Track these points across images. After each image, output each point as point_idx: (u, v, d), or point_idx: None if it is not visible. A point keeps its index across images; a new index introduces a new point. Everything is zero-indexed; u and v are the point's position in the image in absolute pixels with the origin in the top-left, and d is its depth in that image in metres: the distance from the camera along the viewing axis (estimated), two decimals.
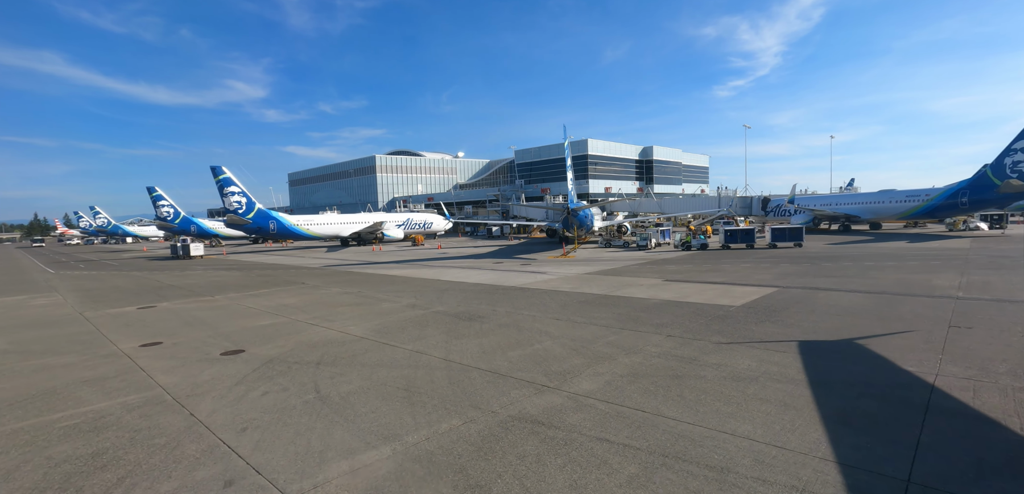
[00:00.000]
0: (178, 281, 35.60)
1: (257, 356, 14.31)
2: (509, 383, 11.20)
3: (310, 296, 25.84)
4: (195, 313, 22.06)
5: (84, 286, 34.77)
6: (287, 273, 38.68)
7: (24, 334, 18.85)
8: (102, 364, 14.10)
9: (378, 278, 32.81)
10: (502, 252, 52.51)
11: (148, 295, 28.77)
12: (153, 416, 10.00)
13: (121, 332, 18.50)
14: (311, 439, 8.67)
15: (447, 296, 24.05)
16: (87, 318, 21.87)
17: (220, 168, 67.66)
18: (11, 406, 10.91)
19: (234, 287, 30.91)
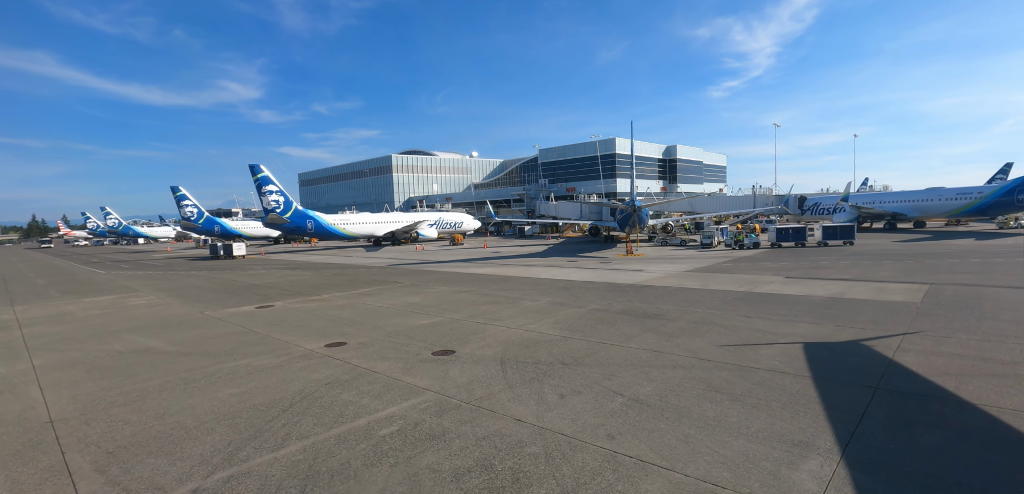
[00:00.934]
0: (256, 281, 34.49)
1: (476, 356, 13.41)
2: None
3: (428, 295, 24.89)
4: (328, 312, 21.06)
5: (166, 285, 33.57)
6: (361, 272, 37.63)
7: (176, 334, 17.83)
8: (319, 365, 13.14)
9: (473, 277, 31.89)
10: (555, 250, 51.70)
11: (244, 294, 27.70)
12: (480, 422, 9.09)
13: (280, 331, 17.49)
14: (714, 449, 7.81)
15: (586, 294, 23.19)
16: (219, 318, 20.82)
17: (259, 166, 66.53)
18: (301, 414, 9.96)
19: (328, 286, 29.89)
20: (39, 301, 28.62)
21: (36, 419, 10.16)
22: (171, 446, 8.61)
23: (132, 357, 14.88)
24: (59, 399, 11.32)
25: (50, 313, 24.10)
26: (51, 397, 11.47)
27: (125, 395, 11.39)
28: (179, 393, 11.37)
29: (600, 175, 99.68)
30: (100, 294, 30.61)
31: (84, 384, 12.39)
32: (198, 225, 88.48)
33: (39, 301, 28.62)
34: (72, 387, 12.19)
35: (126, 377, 12.82)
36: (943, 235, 53.06)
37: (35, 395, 11.70)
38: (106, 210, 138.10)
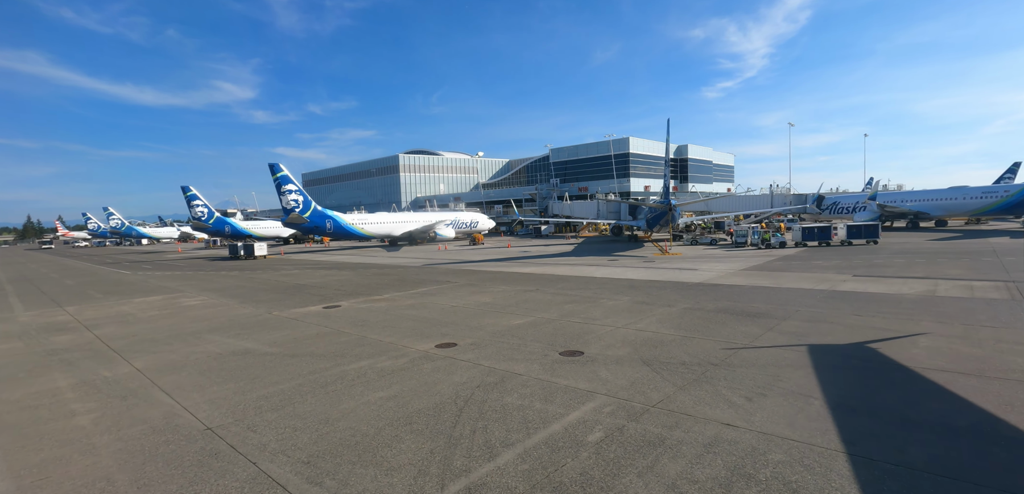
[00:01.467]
0: (299, 281, 33.75)
1: (611, 357, 12.86)
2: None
3: (496, 295, 24.29)
4: (405, 312, 20.41)
5: (209, 286, 32.74)
6: (404, 272, 36.94)
7: (262, 335, 17.14)
8: (449, 367, 12.53)
9: (526, 276, 31.31)
10: (584, 250, 51.15)
11: (298, 295, 26.99)
12: (688, 427, 8.53)
13: (373, 331, 16.84)
14: None
15: (663, 293, 22.68)
16: (293, 318, 20.14)
17: (278, 165, 65.77)
18: (478, 419, 9.35)
19: (381, 286, 29.21)
20: (85, 302, 27.78)
21: (189, 426, 9.51)
22: (369, 454, 8.01)
23: (236, 359, 14.21)
24: (198, 404, 10.66)
25: (108, 314, 23.30)
26: (187, 402, 10.81)
27: (266, 400, 10.75)
28: (323, 397, 10.74)
29: (614, 174, 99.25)
30: (147, 294, 29.78)
31: (211, 388, 11.72)
32: (208, 225, 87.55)
33: (85, 302, 27.78)
34: (199, 391, 11.53)
35: (249, 380, 12.16)
36: (973, 233, 52.97)
37: (164, 400, 11.04)
38: (109, 211, 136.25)
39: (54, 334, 19.06)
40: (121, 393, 11.63)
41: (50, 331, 19.72)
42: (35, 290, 35.23)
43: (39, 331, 19.82)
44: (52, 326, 20.84)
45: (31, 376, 13.39)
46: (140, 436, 9.11)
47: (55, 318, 22.86)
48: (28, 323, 21.88)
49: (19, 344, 17.51)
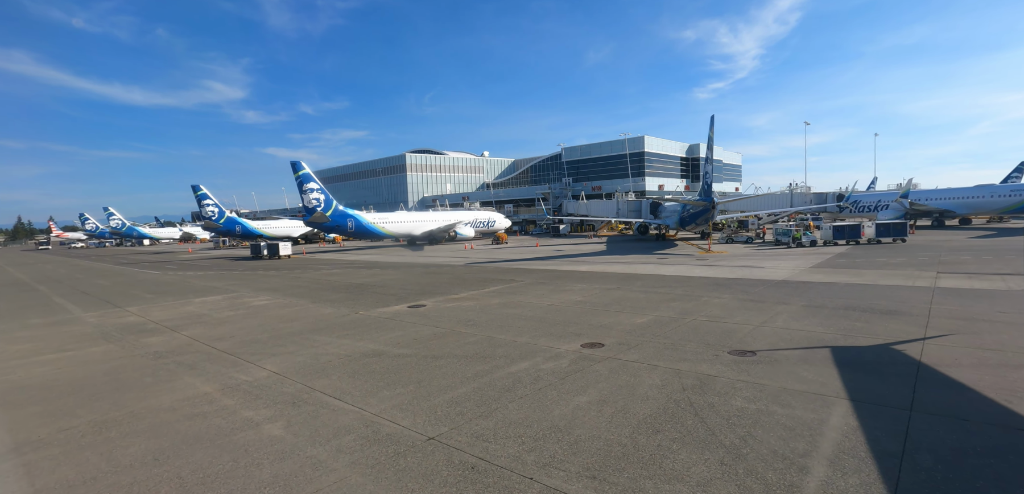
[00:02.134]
0: (349, 280, 32.70)
1: (790, 357, 12.08)
2: None
3: (584, 294, 23.46)
4: (506, 311, 19.50)
5: (263, 285, 31.60)
6: (454, 272, 35.99)
7: (376, 336, 16.18)
8: (622, 370, 11.69)
9: (594, 274, 30.51)
10: (620, 248, 50.38)
11: (364, 295, 25.99)
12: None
13: (491, 330, 15.95)
14: None
15: (763, 291, 21.98)
16: (387, 317, 19.18)
17: (300, 164, 64.51)
18: (734, 425, 8.53)
19: (446, 285, 28.27)
20: (141, 303, 26.58)
21: (405, 436, 8.60)
22: (653, 465, 7.16)
23: (375, 361, 13.27)
24: (387, 410, 9.74)
25: (177, 314, 22.17)
26: (371, 408, 9.88)
27: (458, 405, 9.86)
28: (521, 402, 9.87)
29: (629, 173, 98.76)
30: (202, 294, 28.60)
31: (380, 392, 10.80)
32: (219, 225, 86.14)
33: (141, 303, 26.58)
34: (371, 395, 10.61)
35: (414, 384, 11.25)
36: (1006, 232, 52.89)
37: (342, 406, 10.10)
38: (110, 211, 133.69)
39: (141, 335, 17.97)
40: (283, 399, 10.67)
41: (134, 332, 18.61)
42: (74, 291, 33.85)
43: (122, 332, 18.70)
44: (130, 327, 19.71)
45: (161, 381, 12.38)
46: (360, 447, 8.19)
47: (124, 319, 21.70)
48: (101, 324, 20.72)
49: (113, 346, 16.43)
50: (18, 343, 17.55)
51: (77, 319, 22.23)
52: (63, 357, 15.20)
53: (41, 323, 21.56)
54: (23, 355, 15.70)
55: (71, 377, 13.01)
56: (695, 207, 48.75)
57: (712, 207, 46.32)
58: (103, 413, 10.26)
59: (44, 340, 17.92)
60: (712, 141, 45.46)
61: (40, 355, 15.59)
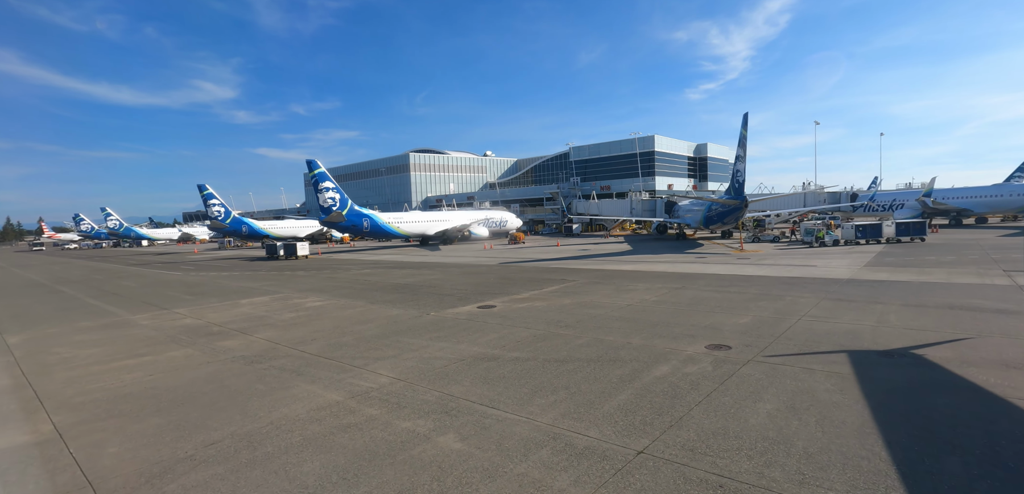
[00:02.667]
0: (392, 280, 31.78)
1: (946, 359, 11.46)
2: None
3: (649, 294, 22.78)
4: (587, 312, 18.74)
5: (306, 286, 30.59)
6: (486, 272, 35.19)
7: (481, 337, 15.35)
8: (772, 374, 10.99)
9: (641, 274, 29.87)
10: (647, 248, 49.74)
11: (422, 295, 25.11)
12: None
13: (590, 331, 15.19)
14: None
15: (842, 290, 21.41)
16: (464, 316, 18.36)
17: (315, 162, 63.58)
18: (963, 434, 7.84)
19: (497, 285, 27.46)
20: (186, 304, 25.48)
21: (609, 451, 7.83)
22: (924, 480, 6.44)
23: (490, 366, 12.46)
24: (556, 419, 8.95)
25: (233, 316, 21.16)
26: (541, 419, 9.08)
27: (628, 413, 9.09)
28: (700, 409, 9.12)
29: (639, 173, 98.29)
30: (247, 296, 27.55)
31: (533, 400, 10.00)
32: (225, 225, 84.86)
33: (186, 304, 25.48)
34: (523, 404, 9.80)
35: (564, 390, 10.47)
36: None
37: (502, 415, 9.29)
38: (107, 211, 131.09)
39: (213, 339, 17.00)
40: (431, 408, 9.84)
41: (202, 335, 17.62)
42: (101, 292, 32.61)
43: (189, 335, 17.70)
44: (194, 329, 18.70)
45: (275, 388, 11.48)
46: (571, 463, 7.40)
47: (180, 321, 20.67)
48: (159, 326, 19.67)
49: (193, 351, 15.46)
50: (86, 347, 16.53)
51: (129, 322, 21.15)
52: (146, 363, 14.23)
53: (93, 326, 20.48)
54: (100, 360, 14.71)
55: (171, 385, 12.07)
56: (725, 205, 48.09)
57: (744, 206, 45.84)
58: (239, 425, 9.38)
59: (111, 344, 16.90)
60: (745, 139, 44.82)
61: (118, 361, 14.60)
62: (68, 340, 17.88)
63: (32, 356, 15.67)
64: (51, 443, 8.96)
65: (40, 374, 13.53)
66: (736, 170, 46.23)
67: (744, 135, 44.96)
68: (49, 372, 13.62)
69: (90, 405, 10.82)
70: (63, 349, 16.41)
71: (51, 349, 16.50)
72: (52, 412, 10.48)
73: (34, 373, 13.66)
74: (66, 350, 16.28)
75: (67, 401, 11.18)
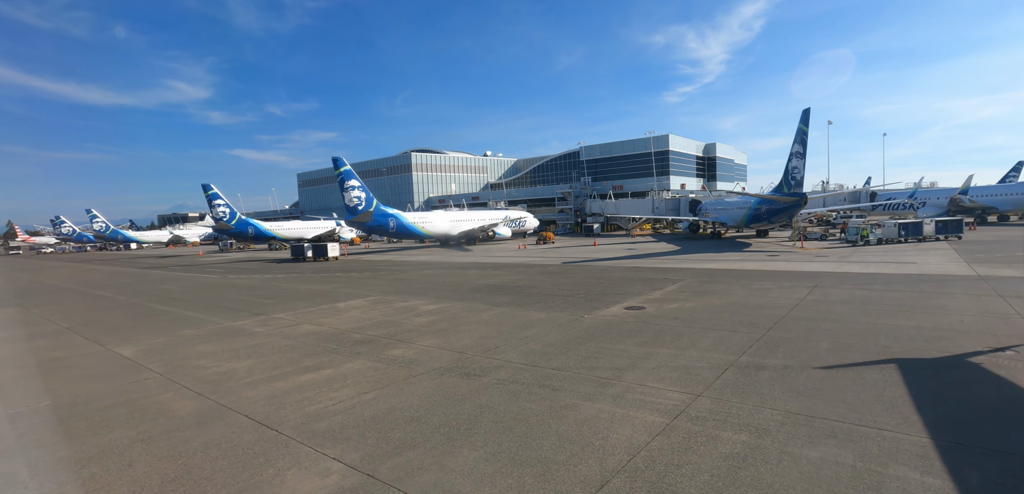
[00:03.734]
0: (466, 281, 29.87)
1: None
2: None
3: (799, 293, 21.47)
4: (755, 312, 17.29)
5: (388, 289, 28.44)
6: (564, 273, 33.56)
7: (703, 340, 13.71)
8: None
9: (760, 273, 28.60)
10: (695, 247, 48.60)
11: (526, 296, 23.34)
12: None
13: (784, 330, 13.72)
14: None
15: (980, 286, 20.41)
16: (610, 320, 16.69)
17: (341, 160, 61.01)
18: None
19: (598, 286, 25.83)
20: (272, 310, 23.16)
21: None
22: None
23: (758, 374, 10.86)
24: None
25: (357, 321, 19.07)
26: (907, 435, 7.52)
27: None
28: None
29: (654, 172, 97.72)
30: (334, 300, 25.29)
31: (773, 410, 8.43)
32: (231, 226, 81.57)
33: (272, 310, 23.16)
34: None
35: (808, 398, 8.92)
36: None
37: (863, 430, 7.71)
38: (92, 213, 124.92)
39: (374, 348, 14.97)
40: (760, 424, 8.19)
41: (350, 343, 15.55)
42: (160, 298, 29.88)
43: (333, 342, 15.60)
44: (331, 336, 16.57)
45: (560, 410, 9.66)
46: None
47: (298, 328, 18.49)
48: (286, 332, 17.46)
49: (368, 362, 13.45)
50: (230, 360, 14.30)
51: (240, 330, 18.85)
52: (330, 378, 12.20)
53: (203, 334, 18.12)
54: (271, 376, 12.59)
55: (420, 406, 10.11)
56: (780, 202, 47.06)
57: (804, 202, 45.11)
58: (600, 459, 7.58)
59: (255, 355, 14.70)
60: (805, 134, 43.96)
61: (293, 376, 12.53)
62: (195, 350, 15.62)
63: (183, 370, 13.45)
64: (369, 488, 7.04)
65: (228, 393, 11.41)
66: (793, 167, 45.34)
67: (804, 130, 44.09)
68: (236, 392, 11.50)
69: (354, 435, 8.84)
70: (206, 362, 14.20)
71: (190, 362, 14.27)
72: (326, 447, 8.49)
73: (221, 393, 11.52)
74: (211, 362, 14.08)
75: (329, 431, 9.18)
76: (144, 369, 13.73)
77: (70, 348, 16.55)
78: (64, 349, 16.46)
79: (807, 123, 43.45)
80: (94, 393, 11.80)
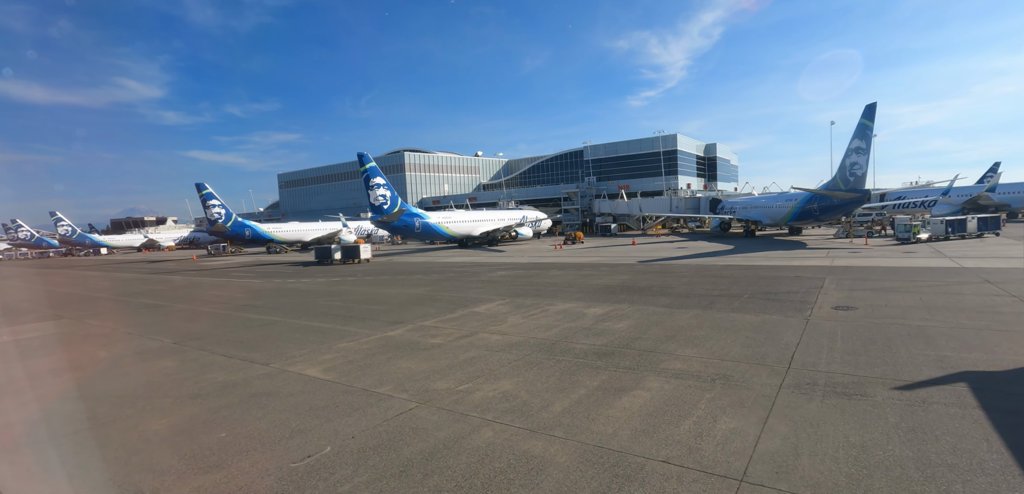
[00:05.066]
0: (591, 283, 27.36)
1: None
2: None
3: (976, 292, 19.97)
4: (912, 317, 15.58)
5: (494, 292, 25.53)
6: (650, 274, 31.48)
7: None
8: None
9: (843, 269, 27.18)
10: (748, 246, 47.38)
11: (688, 298, 21.11)
12: None
13: None
14: None
15: None
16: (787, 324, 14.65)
17: (367, 156, 57.48)
18: None
19: (734, 288, 23.83)
20: (412, 319, 20.07)
21: None
22: None
23: None
24: None
25: (543, 322, 16.31)
26: None
27: None
28: None
29: (662, 172, 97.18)
30: (463, 307, 22.32)
31: None
32: (227, 228, 76.33)
33: (412, 319, 20.07)
34: None
35: None
36: None
37: None
38: (57, 216, 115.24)
39: (639, 357, 12.33)
40: None
41: (591, 356, 12.86)
42: (245, 307, 26.01)
43: (559, 353, 12.87)
44: (545, 346, 13.80)
45: None
46: None
47: (479, 336, 15.61)
48: (491, 343, 14.56)
49: (665, 382, 10.84)
50: (481, 380, 11.39)
51: (421, 343, 15.77)
52: (656, 400, 9.58)
53: (372, 346, 14.98)
54: (576, 406, 9.84)
55: (862, 442, 7.65)
56: (836, 198, 46.13)
57: (866, 198, 44.44)
58: None
59: (501, 373, 11.83)
60: (867, 129, 43.25)
61: (611, 402, 9.83)
62: (399, 367, 12.55)
63: (438, 396, 10.48)
64: None
65: (579, 432, 8.61)
66: (852, 162, 44.46)
67: (866, 125, 43.32)
68: (583, 429, 8.70)
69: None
70: (446, 383, 11.24)
71: (428, 385, 11.27)
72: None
73: (577, 435, 8.69)
74: (452, 384, 11.12)
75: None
76: (375, 395, 10.68)
77: (240, 371, 13.18)
78: (238, 372, 13.08)
79: (871, 118, 42.71)
80: (375, 433, 8.76)
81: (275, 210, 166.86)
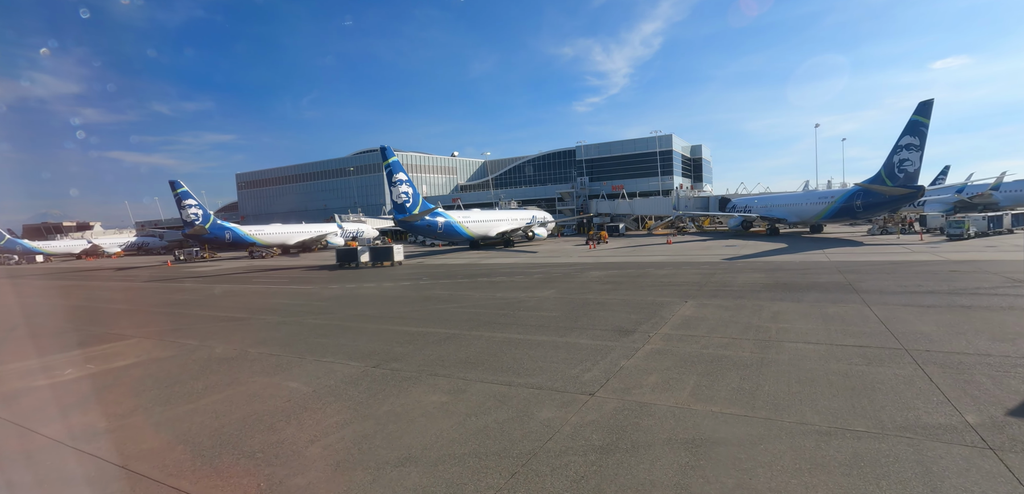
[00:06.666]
0: (680, 279, 24.69)
1: None
2: None
3: None
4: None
5: (622, 298, 22.22)
6: (741, 270, 29.42)
7: None
8: None
9: (993, 263, 26.11)
10: (799, 246, 46.59)
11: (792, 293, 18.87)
12: None
13: None
14: None
15: None
16: None
17: (389, 150, 53.35)
18: None
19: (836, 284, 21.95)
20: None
21: None
22: None
23: None
24: None
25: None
26: None
27: None
28: None
29: (658, 172, 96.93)
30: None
31: None
32: (206, 229, 69.26)
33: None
34: None
35: None
36: None
37: None
38: None
39: None
40: None
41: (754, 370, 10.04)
42: (414, 318, 21.23)
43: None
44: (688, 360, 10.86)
45: None
46: None
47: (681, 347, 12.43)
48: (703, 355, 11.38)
49: None
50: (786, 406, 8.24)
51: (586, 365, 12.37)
52: None
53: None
54: None
55: None
56: (884, 194, 45.95)
57: (920, 193, 44.45)
58: None
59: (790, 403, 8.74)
60: (921, 126, 43.30)
61: None
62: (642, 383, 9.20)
63: None
64: None
65: None
66: (903, 159, 44.49)
67: (918, 121, 43.31)
68: None
69: None
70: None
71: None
72: None
73: None
74: None
75: None
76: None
77: (569, 408, 9.32)
78: (567, 409, 9.20)
79: (926, 114, 42.73)
80: None
81: (232, 213, 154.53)
